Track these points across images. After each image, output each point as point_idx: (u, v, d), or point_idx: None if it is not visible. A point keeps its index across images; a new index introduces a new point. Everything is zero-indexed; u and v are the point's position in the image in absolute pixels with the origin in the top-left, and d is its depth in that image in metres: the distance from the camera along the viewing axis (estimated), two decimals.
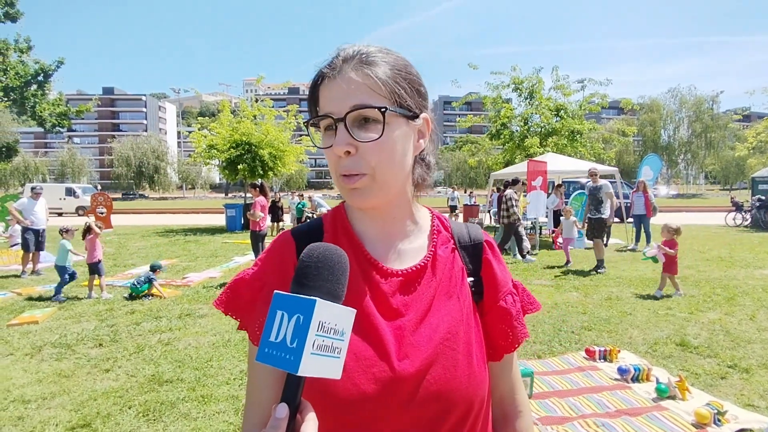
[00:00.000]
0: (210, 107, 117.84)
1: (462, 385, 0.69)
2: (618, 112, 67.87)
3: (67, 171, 64.52)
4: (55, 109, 18.19)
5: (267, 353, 0.52)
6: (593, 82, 18.59)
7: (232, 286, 0.75)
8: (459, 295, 0.75)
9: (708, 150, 54.85)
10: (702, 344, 4.52)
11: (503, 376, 0.83)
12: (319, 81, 0.69)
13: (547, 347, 4.53)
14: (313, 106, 0.71)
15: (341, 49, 0.70)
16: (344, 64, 0.67)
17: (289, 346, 0.50)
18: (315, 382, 0.64)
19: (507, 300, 0.78)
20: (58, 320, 5.50)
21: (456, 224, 0.85)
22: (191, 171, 68.76)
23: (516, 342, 0.78)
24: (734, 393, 3.52)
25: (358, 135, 0.66)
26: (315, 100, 0.71)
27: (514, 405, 0.85)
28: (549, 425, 3.05)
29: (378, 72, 0.67)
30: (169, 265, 9.27)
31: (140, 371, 3.98)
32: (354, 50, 0.69)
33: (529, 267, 8.72)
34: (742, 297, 6.28)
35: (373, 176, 0.68)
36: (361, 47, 0.70)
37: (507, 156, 18.74)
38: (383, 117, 0.66)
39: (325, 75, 0.68)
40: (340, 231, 0.77)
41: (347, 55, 0.68)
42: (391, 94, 0.67)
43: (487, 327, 0.78)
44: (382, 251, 0.76)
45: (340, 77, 0.67)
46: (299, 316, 0.51)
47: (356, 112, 0.65)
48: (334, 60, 0.69)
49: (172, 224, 19.37)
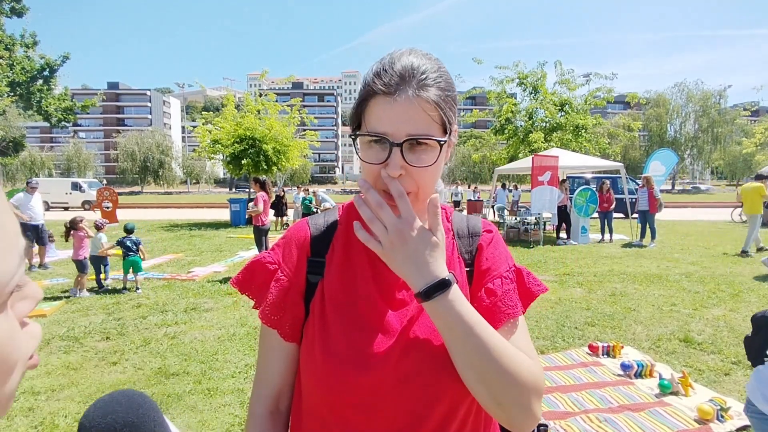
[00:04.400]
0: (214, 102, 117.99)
1: (456, 374, 0.69)
2: (624, 106, 67.51)
3: (73, 165, 64.75)
4: (60, 103, 18.28)
5: None
6: (599, 76, 18.49)
7: (248, 267, 0.81)
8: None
9: (714, 145, 54.43)
10: (706, 340, 4.52)
11: None
12: (371, 95, 0.68)
13: (550, 343, 4.55)
14: (359, 117, 0.70)
15: (396, 62, 0.68)
16: (402, 83, 0.66)
17: None
18: (317, 370, 0.71)
19: (495, 282, 0.78)
20: (65, 313, 5.56)
21: (458, 216, 0.87)
22: (195, 166, 68.81)
23: (500, 319, 0.75)
24: (738, 389, 3.52)
25: (410, 158, 0.67)
26: (363, 112, 0.69)
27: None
28: (552, 420, 3.07)
29: (433, 97, 0.66)
30: (175, 259, 9.33)
31: (147, 364, 4.03)
32: (411, 68, 0.67)
33: (533, 262, 8.72)
34: (747, 293, 6.26)
35: (416, 194, 0.69)
36: (415, 62, 0.68)
37: (511, 151, 18.71)
38: (440, 148, 0.68)
39: (379, 92, 0.66)
40: (352, 218, 0.80)
41: (406, 73, 0.66)
42: (443, 120, 0.68)
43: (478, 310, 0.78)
44: None
45: (398, 99, 0.65)
46: None
47: (412, 140, 0.66)
48: (391, 76, 0.66)
49: (176, 219, 19.45)
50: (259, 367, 0.81)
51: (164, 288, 6.79)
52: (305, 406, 0.77)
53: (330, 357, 0.70)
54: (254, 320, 5.18)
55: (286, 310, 0.76)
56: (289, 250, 0.79)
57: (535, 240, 11.27)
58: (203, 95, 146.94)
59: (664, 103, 55.87)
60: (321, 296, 0.76)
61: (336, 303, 0.74)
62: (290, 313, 0.76)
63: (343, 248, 0.78)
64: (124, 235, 6.63)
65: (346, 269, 0.77)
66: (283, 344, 0.77)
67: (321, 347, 0.71)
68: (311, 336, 0.74)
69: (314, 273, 0.77)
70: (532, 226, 11.56)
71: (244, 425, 3.00)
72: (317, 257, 0.78)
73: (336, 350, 0.70)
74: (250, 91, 20.40)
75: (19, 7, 17.01)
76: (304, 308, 0.77)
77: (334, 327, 0.72)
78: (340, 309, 0.74)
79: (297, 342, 0.78)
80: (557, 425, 3.01)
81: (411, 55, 0.69)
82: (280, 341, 0.77)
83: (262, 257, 0.80)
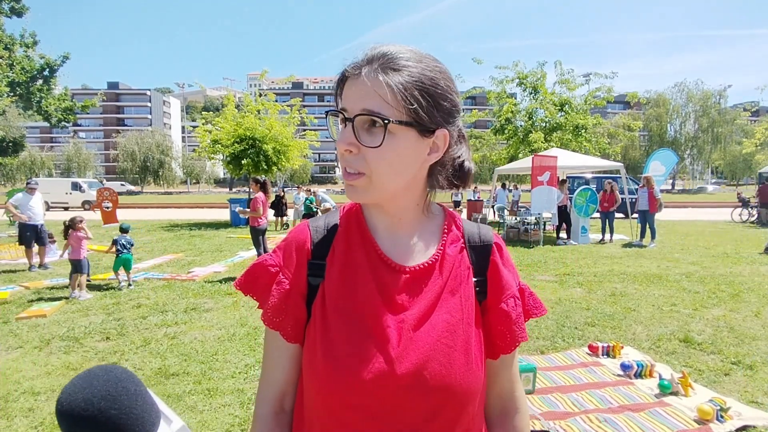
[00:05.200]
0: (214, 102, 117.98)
1: (457, 381, 0.71)
2: (624, 106, 67.48)
3: (73, 165, 64.79)
4: (60, 103, 18.25)
5: None
6: (598, 76, 18.46)
7: (251, 269, 0.81)
8: (462, 294, 0.77)
9: (714, 145, 54.41)
10: (706, 340, 4.52)
11: (502, 373, 0.85)
12: (344, 78, 0.71)
13: (550, 343, 4.55)
14: (337, 98, 0.73)
15: (370, 48, 0.70)
16: (367, 65, 0.68)
17: None
18: (318, 372, 0.71)
19: (509, 303, 0.79)
20: (65, 314, 5.56)
21: (468, 224, 0.86)
22: (195, 166, 68.83)
23: (513, 344, 0.80)
24: (738, 390, 3.52)
25: (363, 138, 0.68)
26: (339, 92, 0.73)
27: (513, 401, 0.87)
28: (551, 420, 3.07)
29: (396, 80, 0.66)
30: (175, 259, 9.33)
31: (147, 364, 4.03)
32: (381, 52, 0.69)
33: (533, 262, 8.72)
34: (747, 293, 6.26)
35: (369, 177, 0.70)
36: (391, 49, 0.69)
37: (511, 151, 18.69)
38: (385, 127, 0.67)
39: (347, 73, 0.70)
40: (353, 226, 0.80)
41: (373, 56, 0.69)
42: (404, 106, 0.67)
43: (488, 326, 0.80)
44: (392, 247, 0.78)
45: (360, 77, 0.68)
46: None
47: (364, 116, 0.67)
48: (361, 60, 0.69)
49: (176, 219, 19.46)
50: (264, 369, 0.82)
51: (164, 288, 6.79)
52: (307, 407, 0.77)
53: (331, 359, 0.70)
54: (254, 320, 5.17)
55: (287, 313, 0.76)
56: (290, 253, 0.79)
57: (535, 240, 11.27)
58: (203, 95, 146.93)
59: (664, 102, 55.86)
60: (322, 299, 0.75)
61: (337, 305, 0.74)
62: (292, 315, 0.77)
63: (344, 250, 0.78)
64: (119, 234, 6.84)
65: (346, 271, 0.76)
66: (287, 345, 0.78)
67: (322, 350, 0.71)
68: (313, 338, 0.74)
69: (315, 275, 0.77)
70: (532, 226, 11.56)
71: (244, 425, 3.00)
72: (318, 260, 0.78)
73: (337, 353, 0.70)
74: (250, 91, 20.42)
75: (18, 7, 16.98)
76: (306, 310, 0.77)
77: (335, 329, 0.72)
78: (341, 311, 0.73)
79: (300, 343, 0.78)
80: (557, 425, 3.01)
81: (392, 45, 0.70)
82: (283, 342, 0.78)
83: (264, 260, 0.80)
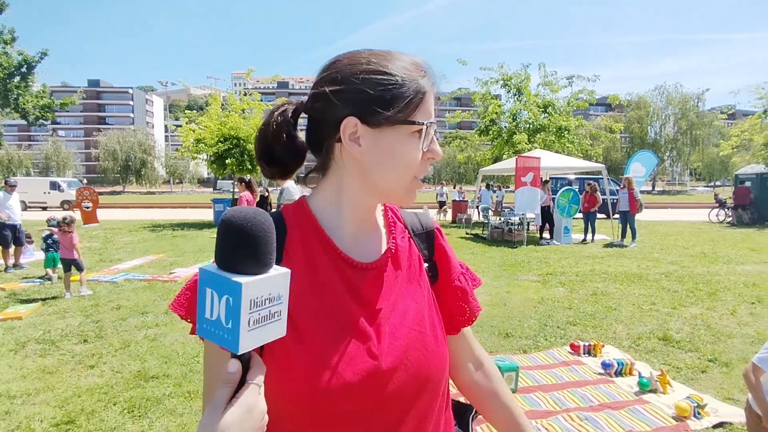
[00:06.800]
0: (198, 101, 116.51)
1: (433, 363, 0.75)
2: (606, 108, 68.46)
3: (52, 164, 63.35)
4: (38, 101, 17.83)
5: (206, 329, 0.52)
6: (581, 78, 18.73)
7: (191, 286, 0.70)
8: (419, 281, 0.80)
9: (693, 147, 55.59)
10: (684, 339, 4.61)
11: (466, 344, 0.93)
12: (426, 90, 0.72)
13: (532, 342, 4.59)
14: (414, 109, 0.71)
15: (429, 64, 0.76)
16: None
17: (224, 326, 0.50)
18: (298, 381, 0.67)
19: (461, 279, 0.86)
20: (42, 316, 5.43)
21: (406, 213, 0.88)
22: (179, 165, 67.84)
23: (473, 316, 0.87)
24: (714, 387, 3.60)
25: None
26: (420, 103, 0.72)
27: (480, 358, 0.95)
28: (534, 419, 3.10)
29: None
30: (157, 260, 9.19)
31: (126, 367, 3.96)
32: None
33: (517, 262, 8.80)
34: (723, 292, 6.41)
35: None
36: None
37: (496, 152, 18.85)
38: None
39: (430, 88, 0.73)
40: (306, 227, 0.76)
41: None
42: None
43: (445, 305, 0.85)
44: (351, 245, 0.77)
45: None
46: (228, 297, 0.49)
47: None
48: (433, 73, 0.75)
49: (159, 219, 19.16)
50: (209, 388, 0.70)
51: (145, 289, 6.68)
52: (277, 421, 0.69)
53: (314, 365, 0.67)
54: None
55: None
56: None
57: (519, 240, 11.37)
58: (187, 94, 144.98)
59: (644, 105, 56.89)
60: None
61: (308, 310, 0.70)
62: None
63: (302, 253, 0.74)
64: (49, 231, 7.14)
65: (310, 275, 0.73)
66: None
67: (302, 356, 0.67)
68: (283, 348, 0.66)
69: None
70: (516, 226, 11.66)
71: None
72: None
73: (320, 358, 0.67)
74: (235, 90, 20.21)
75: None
76: None
77: (311, 335, 0.69)
78: (314, 316, 0.70)
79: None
80: (539, 424, 3.04)
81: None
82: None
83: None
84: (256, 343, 0.51)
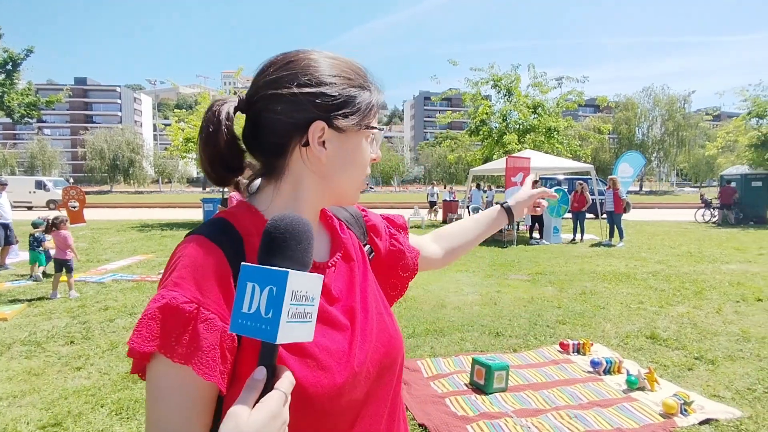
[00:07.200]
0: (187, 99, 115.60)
1: (396, 340, 0.79)
2: (594, 109, 69.12)
3: (37, 163, 62.46)
4: (23, 99, 17.53)
5: (241, 324, 0.53)
6: (570, 80, 18.87)
7: (151, 316, 0.59)
8: (366, 267, 0.84)
9: (680, 148, 56.33)
10: (671, 337, 4.67)
11: (419, 247, 1.03)
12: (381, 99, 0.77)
13: (522, 341, 4.62)
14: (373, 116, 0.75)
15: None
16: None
17: (264, 317, 0.52)
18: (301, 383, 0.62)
19: (398, 239, 0.97)
20: (27, 317, 5.34)
21: (333, 209, 0.89)
22: (168, 165, 67.17)
23: (415, 264, 0.98)
24: (700, 384, 3.65)
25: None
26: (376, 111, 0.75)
27: (427, 241, 1.10)
28: (524, 417, 3.12)
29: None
30: (145, 260, 9.09)
31: (113, 369, 3.91)
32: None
33: (507, 262, 8.85)
34: (709, 291, 6.51)
35: None
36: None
37: (486, 152, 18.91)
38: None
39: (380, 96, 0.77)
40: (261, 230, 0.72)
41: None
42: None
43: (394, 262, 0.94)
44: None
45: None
46: (272, 287, 0.52)
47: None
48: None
49: (147, 218, 18.97)
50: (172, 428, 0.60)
51: (133, 290, 6.61)
52: None
53: (309, 369, 0.65)
54: None
55: (226, 357, 0.61)
56: (205, 279, 0.62)
57: (509, 240, 11.43)
58: (176, 93, 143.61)
59: (632, 106, 57.46)
60: None
61: None
62: (231, 356, 0.62)
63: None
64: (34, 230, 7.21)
65: None
66: (207, 386, 0.60)
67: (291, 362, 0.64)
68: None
69: None
70: (506, 226, 11.65)
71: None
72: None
73: (311, 363, 0.65)
74: (225, 89, 20.07)
75: None
76: (237, 342, 0.63)
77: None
78: None
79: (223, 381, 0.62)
80: (529, 422, 3.06)
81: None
82: (202, 384, 0.60)
83: (171, 300, 0.59)
84: (290, 339, 0.53)
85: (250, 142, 0.74)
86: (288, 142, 0.71)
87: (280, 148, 0.72)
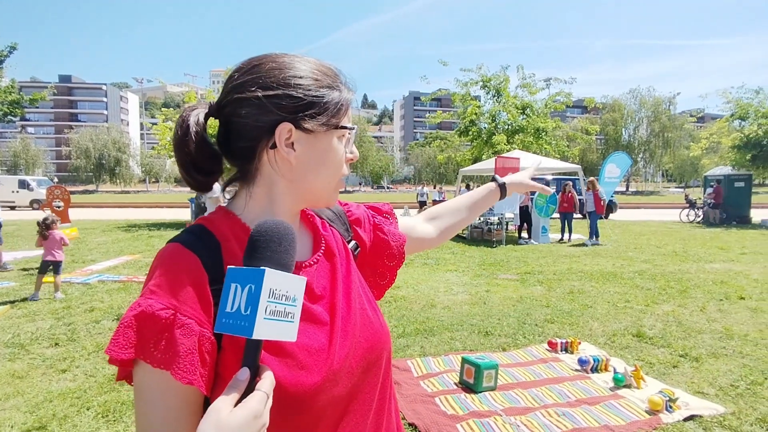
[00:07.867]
0: (175, 98, 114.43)
1: (380, 334, 0.79)
2: (582, 110, 69.80)
3: (21, 162, 61.33)
4: (6, 96, 17.25)
5: (224, 323, 0.55)
6: (558, 81, 19.06)
7: (128, 324, 0.60)
8: (350, 263, 0.84)
9: (665, 149, 57.14)
10: (656, 335, 4.74)
11: (408, 230, 1.03)
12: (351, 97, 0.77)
13: (511, 340, 4.65)
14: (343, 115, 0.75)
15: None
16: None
17: (243, 314, 0.54)
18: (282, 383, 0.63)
19: (383, 229, 0.95)
20: (10, 319, 5.25)
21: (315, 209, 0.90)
22: (155, 164, 66.40)
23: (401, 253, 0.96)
24: (685, 381, 3.71)
25: None
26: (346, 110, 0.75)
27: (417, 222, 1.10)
28: (513, 416, 3.14)
29: None
30: (132, 260, 8.98)
31: (99, 371, 3.86)
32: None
33: (496, 261, 8.90)
34: (693, 290, 6.61)
35: None
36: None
37: (475, 152, 19.02)
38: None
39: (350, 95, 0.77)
40: (240, 234, 0.72)
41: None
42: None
43: (381, 249, 0.94)
44: None
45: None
46: (251, 285, 0.54)
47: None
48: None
49: (134, 218, 18.74)
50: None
51: (120, 291, 6.53)
52: None
53: (296, 370, 0.65)
54: None
55: (206, 360, 0.62)
56: (180, 286, 0.62)
57: (498, 240, 11.51)
58: (163, 91, 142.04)
59: (619, 108, 58.12)
60: None
61: None
62: (211, 359, 0.63)
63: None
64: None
65: None
66: (190, 390, 0.61)
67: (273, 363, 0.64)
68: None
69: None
70: (495, 226, 11.80)
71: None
72: (217, 284, 0.64)
73: (295, 363, 0.65)
74: (213, 87, 19.92)
75: None
76: (216, 345, 0.64)
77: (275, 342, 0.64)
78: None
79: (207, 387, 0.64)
80: (518, 420, 3.08)
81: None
82: (196, 394, 0.62)
83: (146, 307, 0.60)
84: (269, 335, 0.54)
85: (223, 147, 0.75)
86: (256, 146, 0.71)
87: (249, 151, 0.72)
